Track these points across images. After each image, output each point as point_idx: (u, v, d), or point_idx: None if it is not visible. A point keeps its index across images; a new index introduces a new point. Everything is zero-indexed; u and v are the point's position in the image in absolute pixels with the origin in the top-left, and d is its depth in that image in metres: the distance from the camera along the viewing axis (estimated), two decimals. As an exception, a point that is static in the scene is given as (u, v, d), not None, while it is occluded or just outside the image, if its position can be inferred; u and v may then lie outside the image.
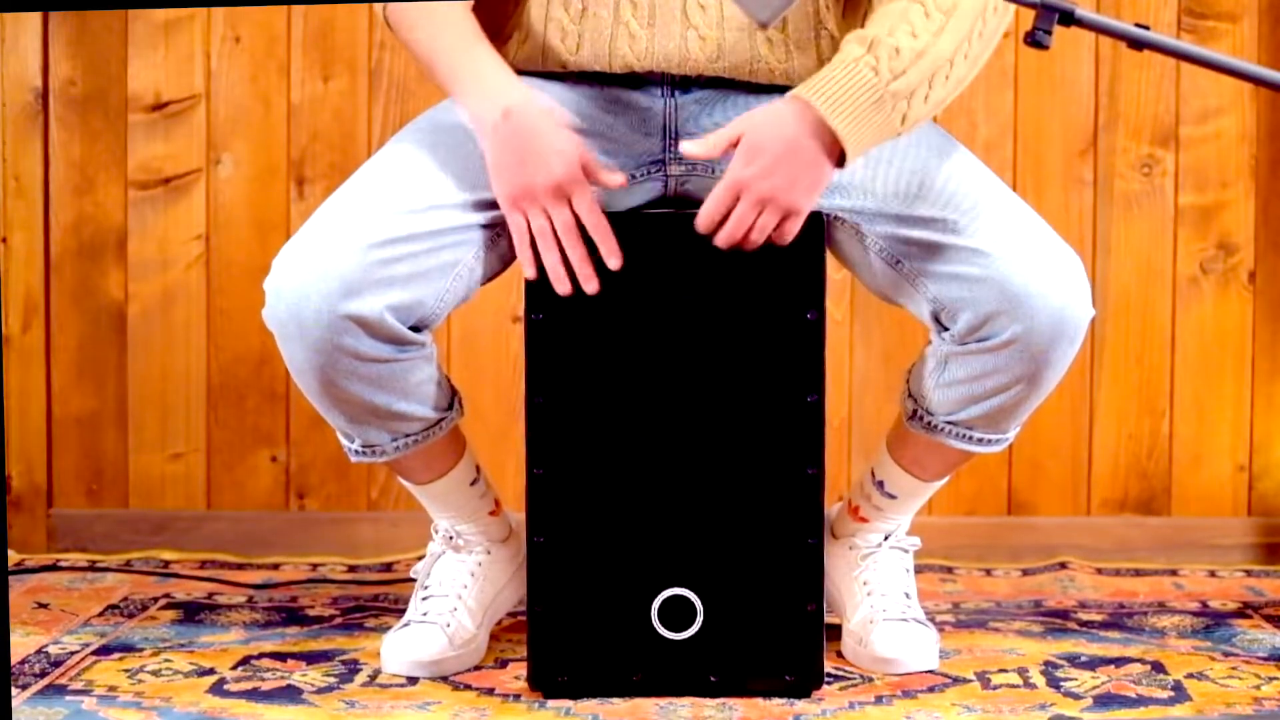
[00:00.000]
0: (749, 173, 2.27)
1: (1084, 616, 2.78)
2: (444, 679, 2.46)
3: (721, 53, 2.41)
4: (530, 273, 2.33)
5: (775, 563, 2.37)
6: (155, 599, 2.88)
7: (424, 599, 2.56)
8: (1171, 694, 2.39)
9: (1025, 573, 3.07)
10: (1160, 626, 2.73)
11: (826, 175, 2.28)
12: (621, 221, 2.35)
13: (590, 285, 2.32)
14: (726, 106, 2.45)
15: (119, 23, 3.17)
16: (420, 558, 2.65)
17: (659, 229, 2.33)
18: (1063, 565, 3.09)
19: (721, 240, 2.30)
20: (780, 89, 2.42)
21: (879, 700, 2.37)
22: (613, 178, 2.35)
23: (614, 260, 2.32)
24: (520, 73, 2.42)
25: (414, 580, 2.62)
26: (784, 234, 2.30)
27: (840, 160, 2.27)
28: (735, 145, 2.28)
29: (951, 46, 2.28)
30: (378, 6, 2.42)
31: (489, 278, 2.43)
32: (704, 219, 2.30)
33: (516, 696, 2.40)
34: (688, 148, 2.30)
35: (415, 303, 2.34)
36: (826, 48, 2.42)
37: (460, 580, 2.57)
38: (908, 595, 2.58)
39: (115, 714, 2.30)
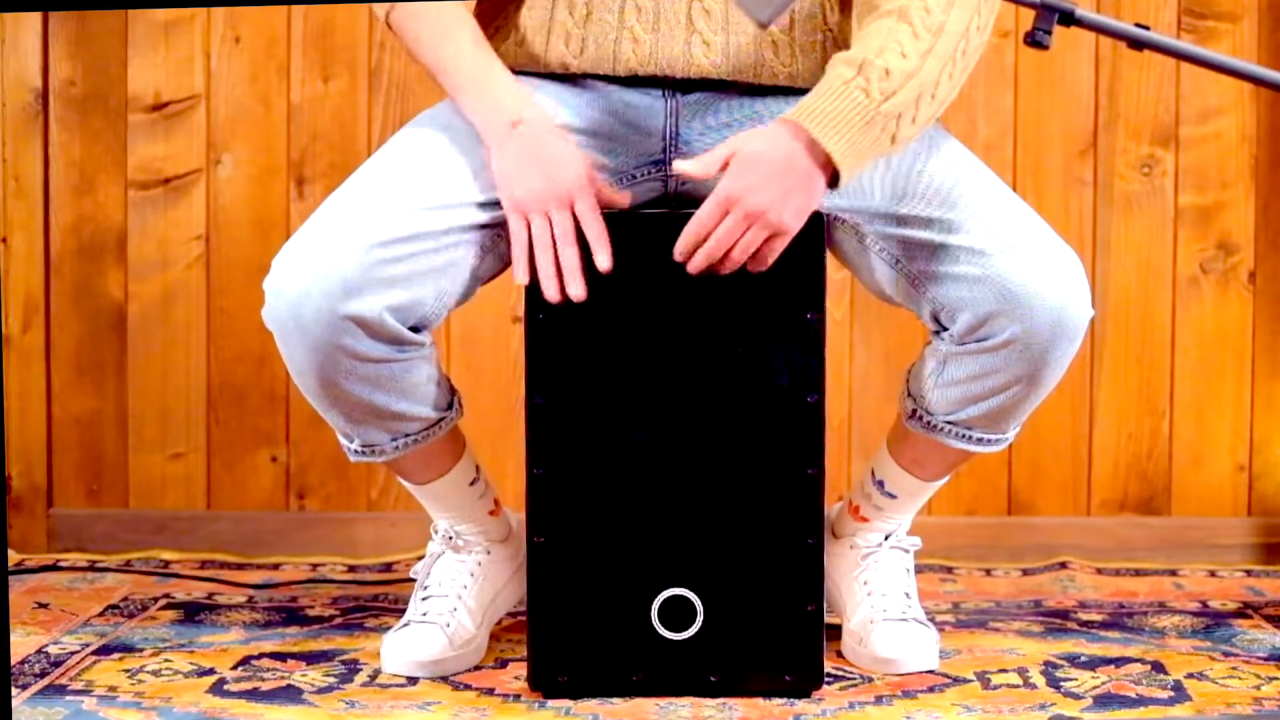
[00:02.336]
0: (741, 186, 2.26)
1: (1084, 616, 2.78)
2: (444, 679, 2.46)
3: (726, 57, 2.41)
4: (522, 277, 2.33)
5: (775, 563, 2.37)
6: (155, 599, 2.88)
7: (424, 599, 2.56)
8: (1171, 694, 2.39)
9: (1025, 573, 3.07)
10: (1160, 626, 2.73)
11: (817, 196, 2.27)
12: (621, 221, 2.35)
13: (576, 290, 2.31)
14: (729, 107, 2.45)
15: (119, 23, 3.17)
16: (420, 558, 2.65)
17: (659, 229, 2.33)
18: (1063, 565, 3.09)
19: (700, 257, 2.28)
20: (784, 91, 2.43)
21: (879, 700, 2.37)
22: (617, 198, 2.35)
23: (604, 260, 2.31)
24: (521, 73, 2.42)
25: (414, 580, 2.62)
26: (765, 256, 2.29)
27: (834, 181, 2.27)
28: (728, 163, 2.27)
29: (938, 68, 2.27)
30: (378, 9, 2.42)
31: (489, 278, 2.43)
32: (689, 234, 2.28)
33: (516, 696, 2.40)
34: (681, 166, 2.30)
35: (415, 303, 2.34)
36: (831, 50, 2.42)
37: (460, 580, 2.57)
38: (908, 595, 2.58)
39: (115, 714, 2.30)
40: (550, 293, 2.32)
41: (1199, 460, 3.21)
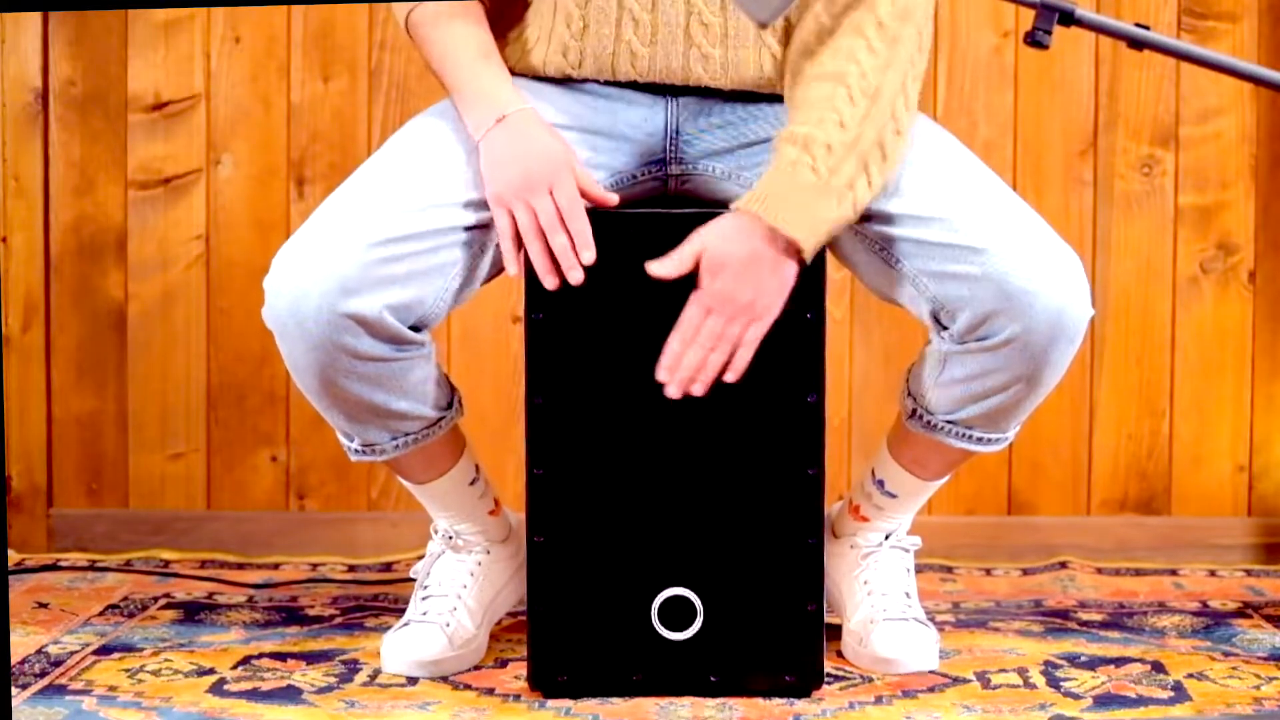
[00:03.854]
0: (717, 288, 2.27)
1: (1084, 616, 2.78)
2: (444, 679, 2.46)
3: (725, 71, 2.41)
4: (513, 269, 2.33)
5: (775, 563, 2.37)
6: (155, 599, 2.88)
7: (424, 599, 2.56)
8: (1171, 694, 2.39)
9: (1025, 573, 3.07)
10: (1160, 626, 2.73)
11: (790, 277, 2.28)
12: (621, 221, 2.35)
13: (574, 275, 2.32)
14: (729, 108, 2.45)
15: (119, 23, 3.17)
16: (420, 558, 2.65)
17: (659, 229, 2.33)
18: (1063, 565, 3.09)
19: (690, 358, 2.26)
20: (782, 99, 2.42)
21: (879, 700, 2.37)
22: (606, 197, 2.35)
23: (587, 254, 2.32)
24: (522, 76, 2.43)
25: (414, 580, 2.62)
26: (744, 351, 2.28)
27: (802, 258, 2.28)
28: (699, 261, 2.27)
29: (876, 132, 2.28)
30: (398, 11, 2.42)
31: (489, 277, 2.43)
32: (677, 337, 2.27)
33: (516, 696, 2.40)
34: (654, 268, 2.29)
35: (415, 302, 2.34)
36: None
37: (460, 580, 2.57)
38: (908, 595, 2.58)
39: (115, 714, 2.30)
40: (548, 282, 2.32)
41: (1199, 460, 3.21)
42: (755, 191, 2.28)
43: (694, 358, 2.28)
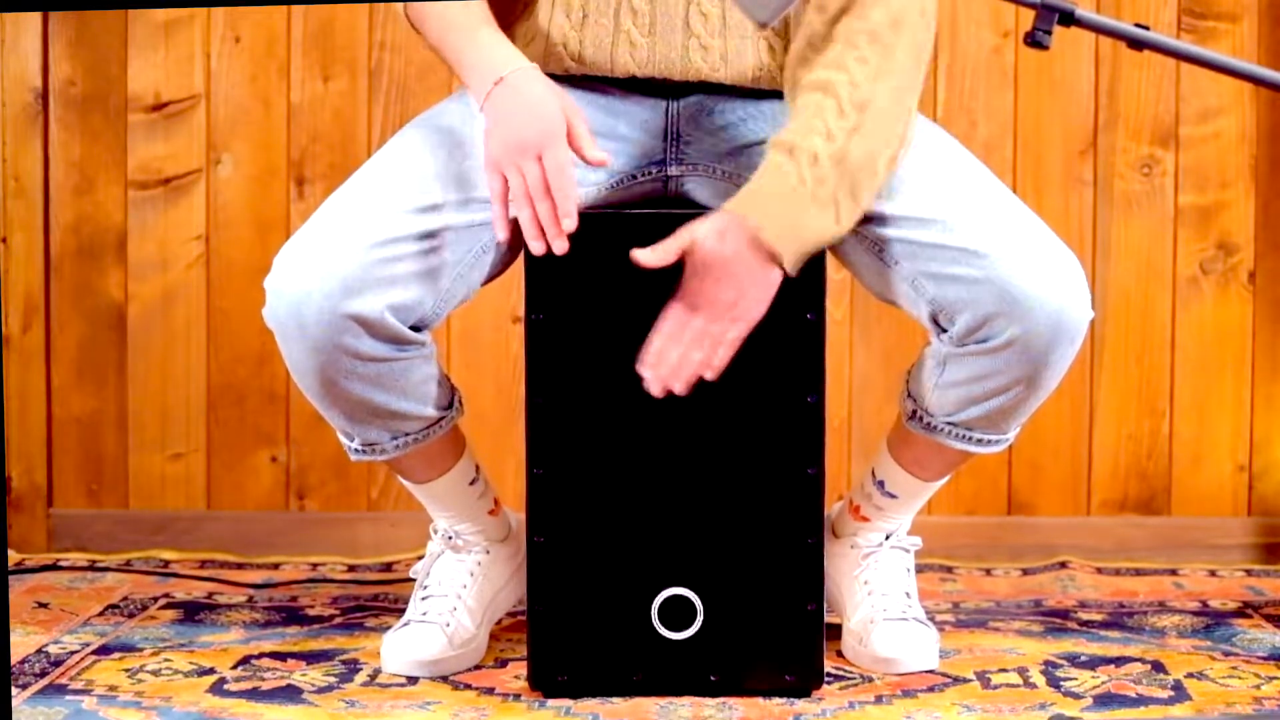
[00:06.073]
0: (701, 287, 2.26)
1: (1084, 616, 2.78)
2: (444, 679, 2.46)
3: (723, 61, 2.40)
4: (500, 234, 2.32)
5: (775, 562, 2.37)
6: (155, 599, 2.88)
7: (423, 599, 2.56)
8: (1171, 694, 2.39)
9: (1025, 573, 3.07)
10: (1160, 626, 2.73)
11: (774, 283, 2.26)
12: (621, 222, 2.35)
13: (559, 245, 2.30)
14: (728, 109, 2.45)
15: (119, 23, 3.17)
16: (420, 557, 2.65)
17: (659, 229, 2.33)
18: (1063, 565, 3.09)
19: (670, 361, 2.26)
20: (781, 95, 2.42)
21: (879, 700, 2.37)
22: (595, 153, 2.33)
23: (568, 221, 2.29)
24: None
25: (414, 580, 2.62)
26: (720, 349, 2.27)
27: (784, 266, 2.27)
28: (685, 253, 2.26)
29: (866, 146, 2.26)
30: (399, 7, 2.42)
31: (490, 278, 2.43)
32: (660, 337, 2.27)
33: (516, 696, 2.40)
34: (639, 255, 2.27)
35: (416, 302, 2.34)
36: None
37: (460, 580, 2.57)
38: (908, 595, 2.58)
39: (115, 714, 2.30)
40: (534, 248, 2.31)
41: (1199, 460, 3.21)
42: (742, 193, 2.28)
43: (675, 355, 2.27)
